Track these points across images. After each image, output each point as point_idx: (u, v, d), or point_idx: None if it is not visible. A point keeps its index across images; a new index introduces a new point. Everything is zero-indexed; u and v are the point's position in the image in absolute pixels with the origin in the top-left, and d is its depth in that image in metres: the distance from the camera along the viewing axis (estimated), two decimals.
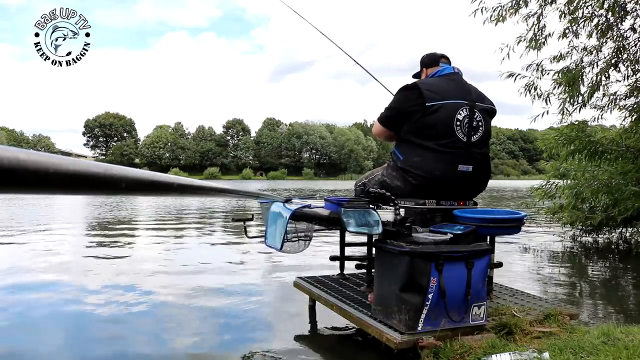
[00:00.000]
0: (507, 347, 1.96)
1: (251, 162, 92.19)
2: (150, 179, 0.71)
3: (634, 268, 5.03)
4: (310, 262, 4.64)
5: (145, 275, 4.21)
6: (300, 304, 3.17)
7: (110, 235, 7.27)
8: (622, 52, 5.75)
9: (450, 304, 2.02)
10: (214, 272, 4.37)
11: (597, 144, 5.73)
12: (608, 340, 1.98)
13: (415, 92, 2.42)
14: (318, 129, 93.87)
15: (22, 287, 3.80)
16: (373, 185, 2.60)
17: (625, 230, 6.58)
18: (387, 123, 2.58)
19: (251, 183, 51.95)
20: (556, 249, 6.02)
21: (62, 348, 2.57)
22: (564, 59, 6.10)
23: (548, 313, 2.34)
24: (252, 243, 5.24)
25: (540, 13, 5.95)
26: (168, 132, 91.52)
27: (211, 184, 1.12)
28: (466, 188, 2.51)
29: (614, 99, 6.11)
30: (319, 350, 2.51)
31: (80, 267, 4.65)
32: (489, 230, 2.44)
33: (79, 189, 0.53)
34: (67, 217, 10.27)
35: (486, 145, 2.55)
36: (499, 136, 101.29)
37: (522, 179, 78.86)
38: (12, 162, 0.40)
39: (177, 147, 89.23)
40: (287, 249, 2.69)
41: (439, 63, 2.66)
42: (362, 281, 2.96)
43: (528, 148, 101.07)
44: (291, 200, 2.65)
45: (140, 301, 3.39)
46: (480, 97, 2.55)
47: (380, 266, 2.23)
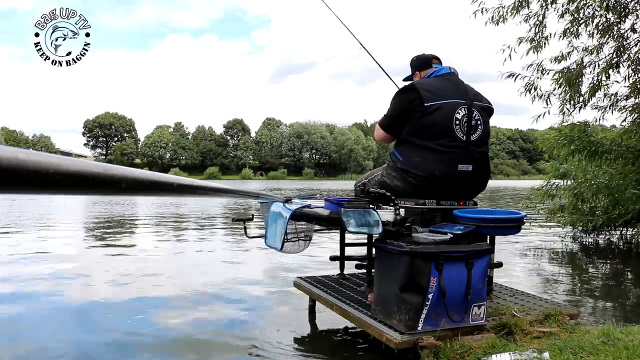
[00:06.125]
0: (507, 347, 1.96)
1: (251, 162, 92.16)
2: (150, 179, 0.71)
3: (634, 268, 5.03)
4: (310, 262, 4.64)
5: (144, 275, 4.21)
6: (300, 304, 3.17)
7: (110, 235, 7.27)
8: (622, 52, 5.75)
9: (450, 304, 2.02)
10: (213, 272, 4.37)
11: (598, 144, 5.73)
12: (608, 340, 1.98)
13: (414, 94, 2.43)
14: (318, 128, 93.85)
15: (23, 286, 3.80)
16: (373, 185, 2.60)
17: (625, 230, 6.57)
18: (388, 128, 2.59)
19: (251, 183, 51.94)
20: (556, 249, 6.02)
21: (62, 347, 2.57)
22: (564, 60, 6.11)
23: (548, 313, 2.34)
24: (252, 243, 5.24)
25: (543, 14, 5.95)
26: (168, 132, 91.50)
27: (211, 184, 1.12)
28: (466, 188, 2.51)
29: (615, 100, 6.11)
30: (319, 350, 2.50)
31: (79, 266, 4.65)
32: (489, 230, 2.44)
33: (79, 189, 0.53)
34: (66, 215, 10.27)
35: (485, 144, 2.55)
36: (499, 136, 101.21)
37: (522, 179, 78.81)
38: (12, 162, 0.40)
39: (178, 147, 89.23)
40: (287, 249, 2.69)
41: (432, 64, 2.67)
42: (362, 281, 2.96)
43: (528, 148, 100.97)
44: (291, 200, 2.65)
45: (139, 301, 3.40)
46: (477, 96, 2.55)
47: (380, 266, 2.23)
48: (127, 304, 3.32)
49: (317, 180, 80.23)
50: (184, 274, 4.31)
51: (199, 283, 3.91)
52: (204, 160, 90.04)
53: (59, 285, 3.84)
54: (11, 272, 4.31)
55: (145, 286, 3.81)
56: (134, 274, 4.28)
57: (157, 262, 4.98)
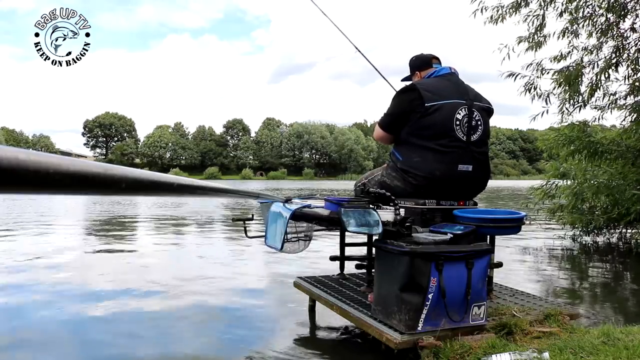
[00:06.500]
0: (507, 347, 1.96)
1: (251, 162, 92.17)
2: (150, 179, 0.71)
3: (634, 268, 5.03)
4: (310, 262, 4.64)
5: (144, 275, 4.21)
6: (300, 304, 3.17)
7: (109, 235, 7.27)
8: (622, 52, 5.75)
9: (450, 304, 2.02)
10: (213, 272, 4.37)
11: (597, 144, 5.72)
12: (608, 340, 1.98)
13: (414, 94, 2.42)
14: (318, 128, 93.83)
15: (23, 286, 3.80)
16: (373, 185, 2.60)
17: (625, 230, 6.57)
18: (388, 128, 2.58)
19: (251, 183, 51.94)
20: (556, 249, 6.02)
21: (63, 347, 2.57)
22: (564, 59, 6.11)
23: (548, 313, 2.34)
24: (252, 243, 5.24)
25: (542, 15, 5.94)
26: (168, 132, 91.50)
27: (211, 184, 1.12)
28: (466, 188, 2.51)
29: (615, 99, 6.11)
30: (319, 350, 2.50)
31: (79, 266, 4.66)
32: (489, 230, 2.44)
33: (79, 189, 0.53)
34: (66, 215, 10.26)
35: (485, 144, 2.55)
36: (499, 136, 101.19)
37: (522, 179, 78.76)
38: (12, 162, 0.40)
39: (178, 147, 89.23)
40: (287, 249, 2.69)
41: (432, 64, 2.66)
42: (362, 281, 2.96)
43: (528, 148, 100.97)
44: (291, 200, 2.65)
45: (139, 301, 3.39)
46: (477, 97, 2.55)
47: (380, 266, 2.23)
48: (126, 304, 3.32)
49: (317, 180, 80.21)
50: (183, 274, 4.30)
51: (199, 283, 3.91)
52: (204, 160, 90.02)
53: (58, 286, 3.83)
54: (11, 273, 4.31)
55: (144, 286, 3.80)
56: (133, 273, 4.27)
57: (156, 262, 4.98)
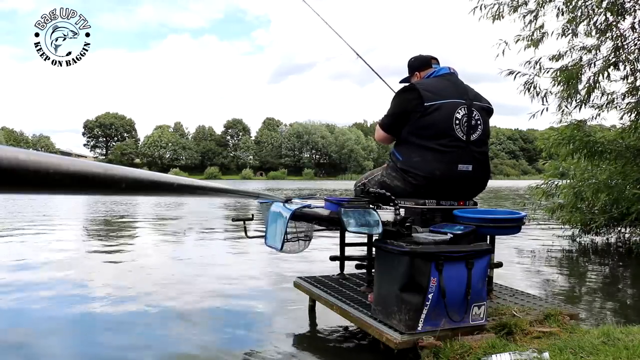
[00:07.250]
0: (507, 347, 1.96)
1: (251, 162, 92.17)
2: (150, 179, 0.71)
3: (634, 268, 5.03)
4: (310, 262, 4.64)
5: (144, 275, 4.22)
6: (300, 304, 3.17)
7: (109, 235, 7.27)
8: (621, 51, 5.74)
9: (450, 304, 2.02)
10: (213, 272, 4.37)
11: (597, 144, 5.72)
12: (608, 340, 1.98)
13: (414, 94, 2.43)
14: (318, 128, 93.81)
15: (22, 286, 3.80)
16: (373, 185, 2.60)
17: (625, 230, 6.57)
18: (388, 128, 2.58)
19: (251, 183, 51.93)
20: (556, 249, 6.02)
21: (63, 347, 2.57)
22: (562, 58, 6.10)
23: (548, 313, 2.34)
24: (252, 243, 5.24)
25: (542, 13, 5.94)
26: (168, 132, 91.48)
27: (211, 184, 1.12)
28: (466, 188, 2.51)
29: (613, 99, 6.11)
30: (319, 350, 2.51)
31: (79, 266, 4.65)
32: (489, 230, 2.44)
33: (79, 189, 0.53)
34: (66, 215, 10.26)
35: (485, 144, 2.55)
36: (499, 136, 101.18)
37: (522, 179, 78.76)
38: (12, 162, 0.40)
39: (178, 147, 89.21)
40: (287, 249, 2.69)
41: (431, 65, 2.67)
42: (362, 281, 2.96)
43: (528, 148, 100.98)
44: (291, 200, 2.65)
45: (139, 301, 3.39)
46: (477, 97, 2.55)
47: (380, 266, 2.23)
48: (126, 304, 3.32)
49: (317, 180, 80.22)
50: (183, 274, 4.30)
51: (199, 283, 3.91)
52: (204, 160, 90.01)
53: (58, 285, 3.84)
54: (11, 272, 4.31)
55: (144, 286, 3.80)
56: (133, 272, 4.28)
57: (156, 262, 4.97)
